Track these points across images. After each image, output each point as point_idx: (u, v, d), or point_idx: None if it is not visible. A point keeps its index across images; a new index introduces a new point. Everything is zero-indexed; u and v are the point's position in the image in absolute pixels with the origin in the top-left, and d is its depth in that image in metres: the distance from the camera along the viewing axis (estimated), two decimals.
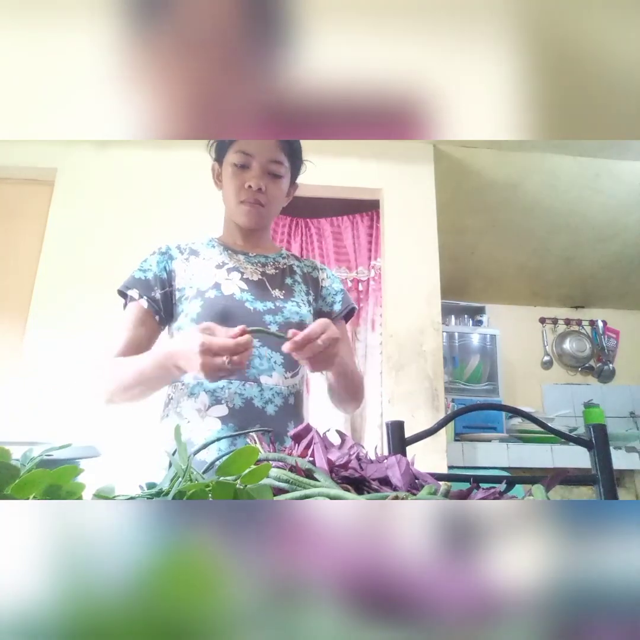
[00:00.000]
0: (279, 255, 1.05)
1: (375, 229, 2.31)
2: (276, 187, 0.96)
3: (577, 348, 3.36)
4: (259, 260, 1.01)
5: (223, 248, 1.01)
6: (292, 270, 1.03)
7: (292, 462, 0.45)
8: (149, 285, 0.93)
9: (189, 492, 0.34)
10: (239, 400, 0.86)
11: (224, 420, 0.85)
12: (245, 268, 0.97)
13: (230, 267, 0.97)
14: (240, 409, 0.86)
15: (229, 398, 0.86)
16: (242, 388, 0.87)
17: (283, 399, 0.90)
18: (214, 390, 0.86)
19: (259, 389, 0.87)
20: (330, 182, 2.15)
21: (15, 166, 2.06)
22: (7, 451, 0.38)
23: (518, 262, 3.02)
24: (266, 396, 0.88)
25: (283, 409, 0.89)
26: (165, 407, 0.94)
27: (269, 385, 0.88)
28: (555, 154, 2.26)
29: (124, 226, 2.01)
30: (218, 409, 0.86)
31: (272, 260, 1.03)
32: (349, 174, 2.19)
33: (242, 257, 1.00)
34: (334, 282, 1.08)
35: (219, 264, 0.97)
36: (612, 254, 2.92)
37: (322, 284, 1.06)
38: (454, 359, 2.74)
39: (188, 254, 0.99)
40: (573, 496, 2.16)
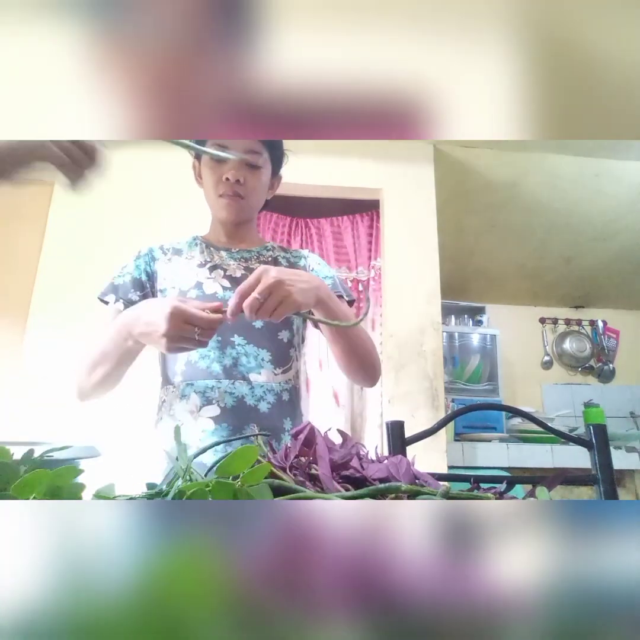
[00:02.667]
0: (264, 249, 1.02)
1: (375, 229, 2.31)
2: (255, 178, 0.93)
3: (577, 348, 3.36)
4: (242, 256, 0.99)
5: (205, 246, 0.99)
6: (277, 262, 1.00)
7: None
8: (126, 288, 0.93)
9: (188, 492, 0.34)
10: (230, 399, 0.85)
11: (216, 420, 0.84)
12: (228, 265, 0.96)
13: (212, 265, 0.96)
14: (232, 407, 0.85)
15: (220, 398, 0.85)
16: (232, 387, 0.86)
17: (275, 395, 0.88)
18: (204, 391, 0.86)
19: (249, 386, 0.87)
20: (330, 182, 2.15)
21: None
22: (7, 451, 0.38)
23: (518, 262, 3.02)
24: (257, 394, 0.87)
25: (276, 406, 0.88)
26: (158, 410, 0.93)
27: (259, 382, 0.87)
28: (555, 154, 2.26)
29: (124, 226, 2.01)
30: (210, 409, 0.85)
31: (256, 254, 1.00)
32: (349, 174, 2.19)
33: (224, 253, 0.98)
34: (323, 268, 1.03)
35: (201, 262, 0.96)
36: (612, 254, 2.92)
37: (310, 269, 1.02)
38: (454, 359, 2.74)
39: (171, 254, 0.99)
40: (573, 496, 2.16)
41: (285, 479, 0.43)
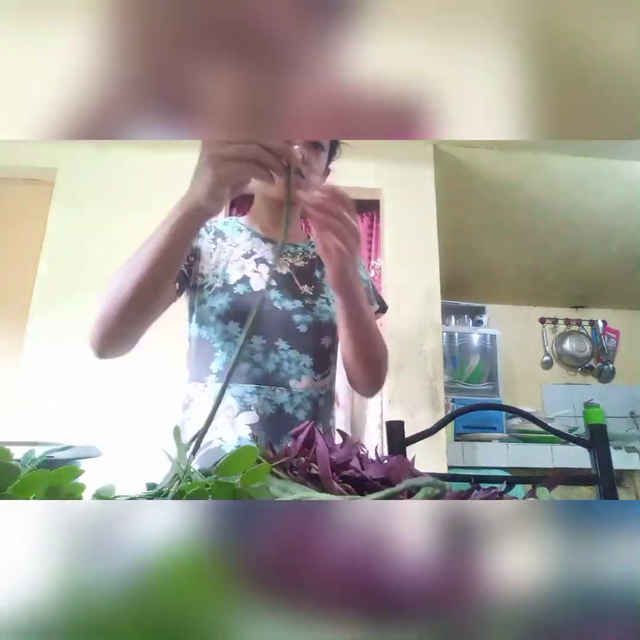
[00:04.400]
0: (309, 245, 0.96)
1: (375, 229, 2.31)
2: (317, 159, 0.89)
3: (577, 348, 3.36)
4: (288, 250, 0.93)
5: (251, 234, 0.92)
6: (321, 261, 0.90)
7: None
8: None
9: (188, 492, 0.34)
10: (270, 407, 0.81)
11: (254, 428, 0.79)
12: (273, 259, 0.89)
13: (258, 257, 0.89)
14: (271, 416, 0.80)
15: (259, 404, 0.80)
16: (272, 394, 0.82)
17: (313, 402, 0.85)
18: (242, 395, 0.81)
19: (289, 394, 0.83)
20: (330, 182, 2.15)
21: (15, 166, 2.06)
22: (7, 451, 0.38)
23: (518, 262, 3.02)
24: (296, 402, 0.83)
25: (312, 412, 0.84)
26: (185, 409, 0.86)
27: (298, 389, 0.83)
28: (555, 154, 2.26)
29: (124, 226, 2.00)
30: (248, 416, 0.80)
31: (302, 250, 0.95)
32: (349, 174, 2.19)
33: (271, 245, 0.91)
34: (362, 271, 0.97)
35: (247, 252, 0.89)
36: (612, 254, 2.92)
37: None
38: (454, 359, 2.74)
39: (214, 235, 0.91)
40: (573, 496, 2.16)
41: (285, 479, 0.43)
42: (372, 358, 0.84)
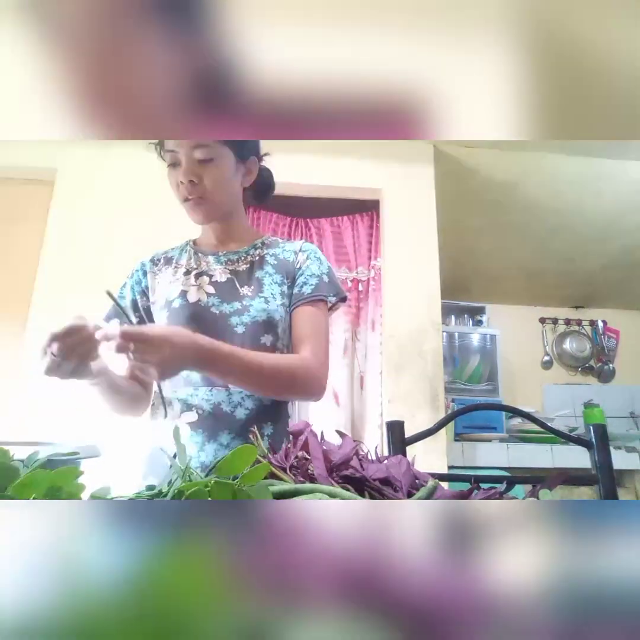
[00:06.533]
0: (252, 247, 0.99)
1: (375, 229, 2.31)
2: (211, 173, 0.88)
3: (577, 348, 3.36)
4: (229, 258, 0.97)
5: (194, 252, 1.00)
6: (264, 260, 0.97)
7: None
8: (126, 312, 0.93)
9: (187, 492, 0.34)
10: (207, 406, 0.86)
11: (192, 426, 0.85)
12: (214, 270, 0.95)
13: (198, 272, 0.95)
14: (208, 414, 0.85)
15: (199, 405, 0.86)
16: (210, 394, 0.86)
17: (256, 401, 0.87)
18: (185, 398, 0.87)
19: (227, 393, 0.86)
20: (330, 182, 2.15)
21: (15, 166, 2.06)
22: (7, 452, 0.38)
23: (518, 262, 3.02)
24: (235, 400, 0.86)
25: (256, 411, 0.87)
26: (152, 413, 0.97)
27: (237, 389, 0.86)
28: (555, 154, 2.26)
29: (125, 226, 2.01)
30: (188, 416, 0.86)
31: (244, 254, 0.98)
32: (349, 174, 2.19)
33: (211, 258, 0.97)
34: (313, 264, 0.97)
35: (187, 270, 0.96)
36: (612, 254, 2.92)
37: (297, 266, 0.96)
38: (454, 359, 2.74)
39: (162, 264, 1.00)
40: (573, 496, 2.16)
41: (285, 479, 0.43)
42: (291, 392, 0.90)
